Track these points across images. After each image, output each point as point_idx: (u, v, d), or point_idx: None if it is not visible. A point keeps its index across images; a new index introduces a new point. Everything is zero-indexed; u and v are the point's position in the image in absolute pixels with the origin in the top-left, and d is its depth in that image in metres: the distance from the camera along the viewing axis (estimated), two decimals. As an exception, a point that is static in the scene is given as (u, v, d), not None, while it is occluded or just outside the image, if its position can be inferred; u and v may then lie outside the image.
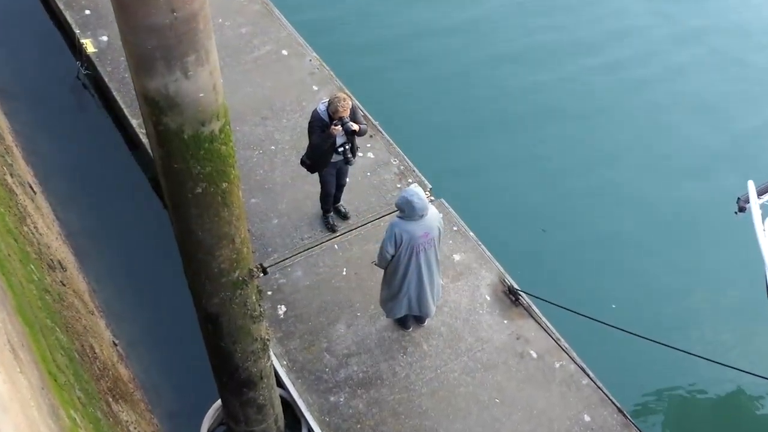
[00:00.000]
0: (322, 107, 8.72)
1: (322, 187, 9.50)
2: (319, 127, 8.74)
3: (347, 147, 8.99)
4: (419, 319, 9.00)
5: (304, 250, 9.74)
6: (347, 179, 9.74)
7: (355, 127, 8.73)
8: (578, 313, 8.29)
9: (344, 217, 9.98)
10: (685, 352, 7.85)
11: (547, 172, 11.83)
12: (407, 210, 7.72)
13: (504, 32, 14.24)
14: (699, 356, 7.82)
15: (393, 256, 7.97)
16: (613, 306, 9.86)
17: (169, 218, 5.81)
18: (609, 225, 11.15)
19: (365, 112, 11.40)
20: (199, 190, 5.26)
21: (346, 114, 8.52)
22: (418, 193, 7.68)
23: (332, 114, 8.54)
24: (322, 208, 9.82)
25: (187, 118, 4.84)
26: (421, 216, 7.76)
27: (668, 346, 7.89)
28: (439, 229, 7.99)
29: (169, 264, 9.88)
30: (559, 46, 13.95)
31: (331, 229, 9.85)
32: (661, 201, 11.48)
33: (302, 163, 9.26)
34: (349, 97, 9.44)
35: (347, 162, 9.19)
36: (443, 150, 12.08)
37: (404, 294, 8.26)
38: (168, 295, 9.65)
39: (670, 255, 10.80)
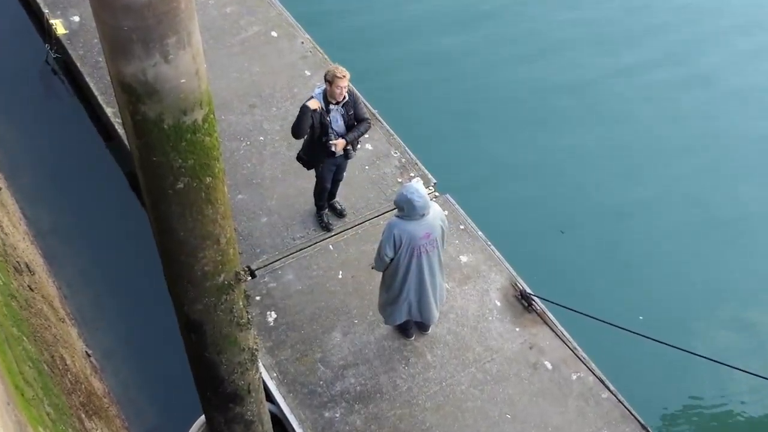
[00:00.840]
0: (318, 91, 8.72)
1: (317, 183, 9.50)
2: (310, 115, 8.66)
3: (332, 140, 8.92)
4: (422, 327, 9.00)
5: (295, 251, 9.75)
6: (344, 173, 9.74)
7: (333, 146, 8.88)
8: (599, 320, 8.28)
9: (340, 214, 10.00)
10: (717, 362, 7.78)
11: (565, 166, 11.85)
12: (407, 209, 7.71)
13: (522, 17, 14.24)
14: (734, 367, 7.70)
15: (392, 259, 7.97)
16: (641, 318, 9.82)
17: (147, 216, 5.80)
18: (634, 226, 11.16)
19: (363, 99, 11.38)
20: (181, 185, 5.24)
21: (345, 82, 8.53)
22: (418, 189, 7.66)
23: (330, 81, 8.49)
24: (316, 204, 9.83)
25: (167, 107, 4.82)
26: (423, 215, 7.75)
27: (698, 355, 7.86)
28: (443, 229, 7.98)
29: (147, 267, 9.88)
30: (585, 35, 13.96)
31: (326, 228, 9.85)
32: (692, 202, 11.48)
33: (298, 158, 9.27)
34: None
35: (347, 156, 9.20)
36: (449, 141, 12.09)
37: (404, 299, 8.27)
38: (146, 301, 9.65)
39: (701, 260, 10.80)
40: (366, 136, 10.45)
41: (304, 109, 8.69)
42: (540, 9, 14.44)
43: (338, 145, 8.85)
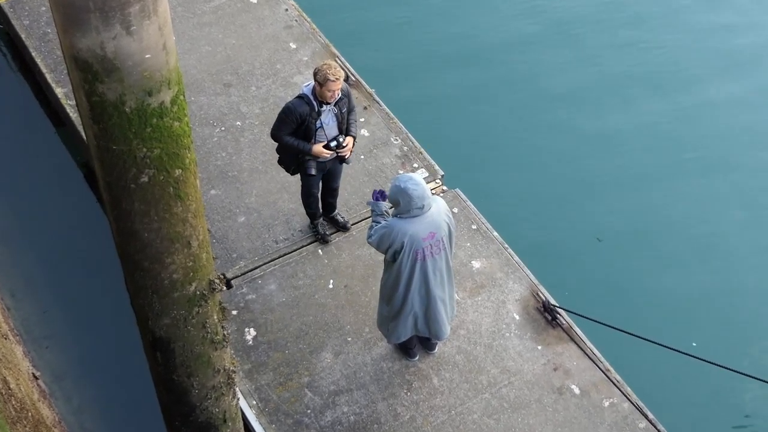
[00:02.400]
0: (306, 89, 8.65)
1: (303, 189, 9.46)
2: (296, 120, 8.62)
3: (340, 140, 8.89)
4: (428, 345, 9.03)
5: (278, 257, 9.77)
6: (339, 180, 9.63)
7: (348, 151, 8.87)
8: (636, 336, 8.28)
9: (343, 227, 9.97)
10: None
11: (601, 156, 11.86)
12: (402, 202, 7.61)
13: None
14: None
15: (394, 262, 7.95)
16: (694, 344, 9.85)
17: (105, 215, 5.83)
18: (682, 232, 11.17)
19: (358, 77, 11.43)
20: (145, 178, 5.27)
21: (338, 85, 8.42)
22: (413, 177, 7.60)
23: (321, 83, 8.41)
24: (306, 213, 9.80)
25: (129, 87, 4.84)
26: (422, 208, 7.63)
27: (754, 377, 7.83)
28: (449, 226, 7.94)
29: (105, 275, 9.91)
30: (612, 13, 14.04)
31: (322, 239, 9.85)
32: (748, 207, 11.52)
33: (279, 161, 9.21)
34: (341, 66, 9.42)
35: (342, 161, 9.16)
36: (459, 126, 12.12)
37: (409, 312, 8.26)
38: (104, 314, 9.67)
39: (763, 273, 10.82)
40: (362, 120, 10.51)
41: (287, 110, 8.61)
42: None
43: (349, 147, 8.86)
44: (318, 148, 8.72)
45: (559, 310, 9.37)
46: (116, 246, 5.89)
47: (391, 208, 7.97)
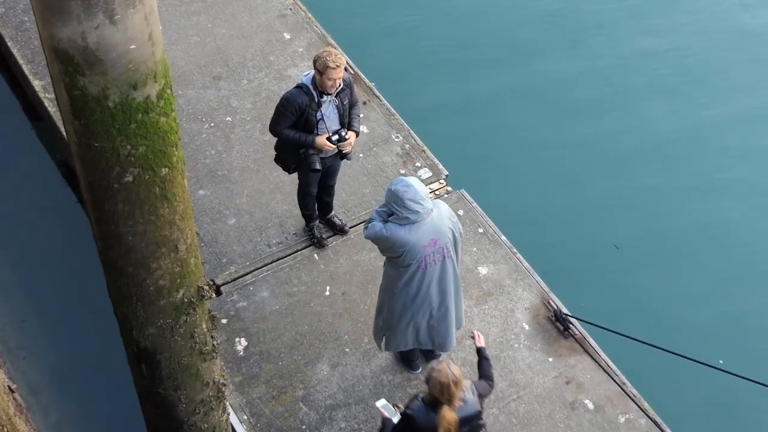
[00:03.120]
0: (305, 79, 8.65)
1: (300, 188, 9.46)
2: (295, 112, 8.60)
3: (343, 133, 8.86)
4: (431, 357, 9.02)
5: (271, 262, 9.77)
6: (337, 177, 9.64)
7: (349, 146, 8.82)
8: (656, 347, 8.27)
9: (341, 230, 9.96)
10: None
11: (614, 157, 11.86)
12: (398, 206, 7.52)
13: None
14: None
15: (394, 270, 7.93)
16: (721, 362, 9.83)
17: (87, 217, 5.83)
18: (705, 241, 11.16)
19: (357, 70, 11.43)
20: (130, 177, 5.27)
21: (339, 73, 8.43)
22: (405, 179, 7.49)
23: (321, 71, 8.40)
24: (302, 214, 9.81)
25: (112, 80, 4.84)
26: (417, 213, 7.55)
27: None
28: (454, 232, 7.88)
29: (86, 281, 9.89)
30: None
31: (318, 243, 9.84)
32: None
33: (276, 159, 9.19)
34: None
35: (344, 157, 9.14)
36: (464, 123, 12.12)
37: (407, 323, 8.23)
38: (85, 323, 9.66)
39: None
40: (360, 115, 10.48)
41: (285, 101, 8.59)
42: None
43: (351, 142, 8.82)
44: (321, 139, 8.68)
45: (572, 319, 9.37)
46: (98, 250, 5.89)
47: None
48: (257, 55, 11.65)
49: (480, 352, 7.72)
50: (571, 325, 9.38)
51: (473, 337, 7.88)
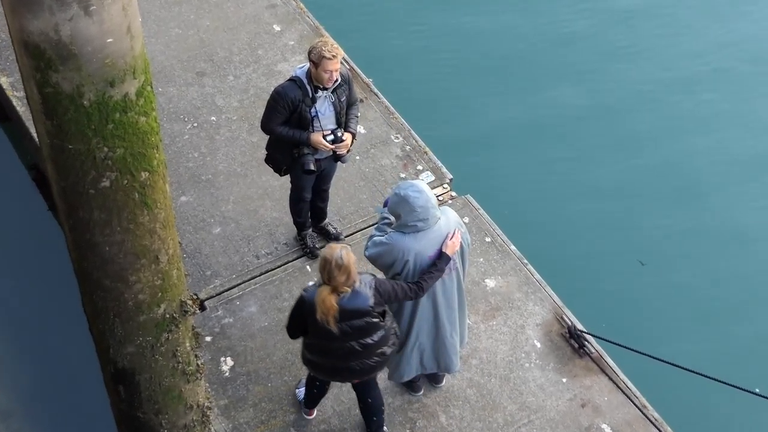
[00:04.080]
0: (299, 72, 8.65)
1: (292, 193, 9.45)
2: (288, 107, 8.60)
3: (339, 134, 8.84)
4: (435, 378, 9.02)
5: (260, 274, 9.76)
6: (331, 181, 9.65)
7: (345, 148, 8.78)
8: (680, 367, 8.28)
9: (335, 239, 9.94)
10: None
11: (635, 160, 11.87)
12: (403, 213, 7.53)
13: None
14: None
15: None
16: (757, 390, 9.85)
17: (59, 226, 5.84)
18: (739, 254, 11.17)
19: (353, 65, 11.44)
20: (107, 182, 5.28)
21: (336, 65, 8.41)
22: (415, 184, 7.55)
23: (316, 63, 8.39)
24: (294, 222, 9.81)
25: (88, 76, 4.86)
26: (426, 221, 7.56)
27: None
28: (462, 242, 7.93)
29: (60, 295, 9.88)
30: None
31: (310, 253, 9.84)
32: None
33: (267, 159, 9.18)
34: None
35: (338, 159, 9.16)
36: (469, 122, 12.13)
37: (413, 346, 8.22)
38: (58, 342, 9.65)
39: None
40: (357, 115, 10.49)
41: (276, 96, 8.58)
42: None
43: (347, 144, 8.80)
44: (317, 136, 8.61)
45: (588, 336, 9.37)
46: (72, 261, 5.90)
47: (390, 223, 7.85)
48: (244, 49, 11.66)
49: (441, 256, 7.68)
50: (586, 343, 9.38)
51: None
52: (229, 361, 9.16)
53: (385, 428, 8.46)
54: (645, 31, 13.71)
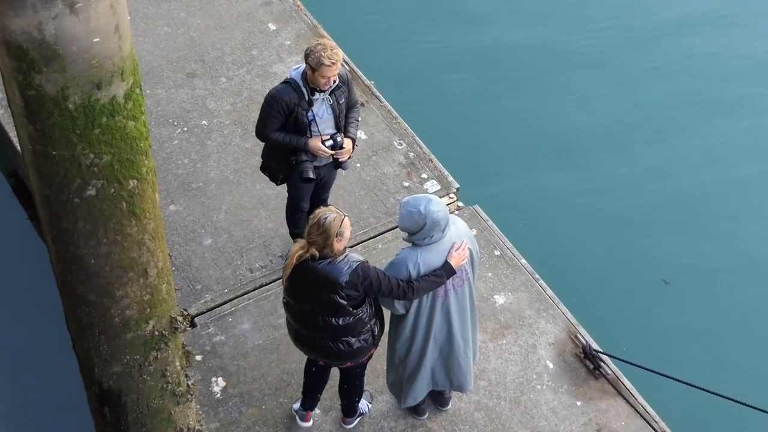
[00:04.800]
0: (295, 73, 8.64)
1: (289, 202, 9.45)
2: (283, 111, 8.59)
3: (338, 139, 8.82)
4: (440, 400, 9.00)
5: (253, 289, 9.76)
6: (330, 190, 9.65)
7: (346, 153, 8.77)
8: (704, 390, 8.28)
9: None
10: None
11: (661, 169, 11.88)
12: (428, 225, 7.47)
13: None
14: None
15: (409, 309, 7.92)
16: None
17: (41, 237, 5.85)
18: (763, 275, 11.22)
19: (353, 66, 11.45)
20: (92, 191, 5.29)
21: (335, 71, 8.39)
22: (431, 198, 7.55)
23: (313, 68, 8.38)
24: (291, 234, 9.80)
25: (73, 78, 4.87)
26: (443, 231, 7.64)
27: None
28: (472, 252, 7.95)
29: (41, 311, 9.89)
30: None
31: None
32: None
33: (263, 167, 9.18)
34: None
35: (338, 166, 9.15)
36: (477, 128, 12.14)
37: (428, 365, 8.21)
38: (39, 360, 9.65)
39: None
40: (358, 119, 10.52)
41: (270, 99, 8.57)
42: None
43: (348, 149, 8.78)
44: (316, 142, 8.61)
45: (604, 356, 9.37)
46: (55, 275, 5.90)
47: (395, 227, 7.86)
48: (237, 49, 11.68)
49: (444, 265, 7.68)
50: (602, 364, 9.38)
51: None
52: (221, 382, 9.16)
53: (359, 411, 8.80)
54: (669, 52, 13.77)
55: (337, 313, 7.36)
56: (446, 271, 7.56)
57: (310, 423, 8.83)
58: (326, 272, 7.18)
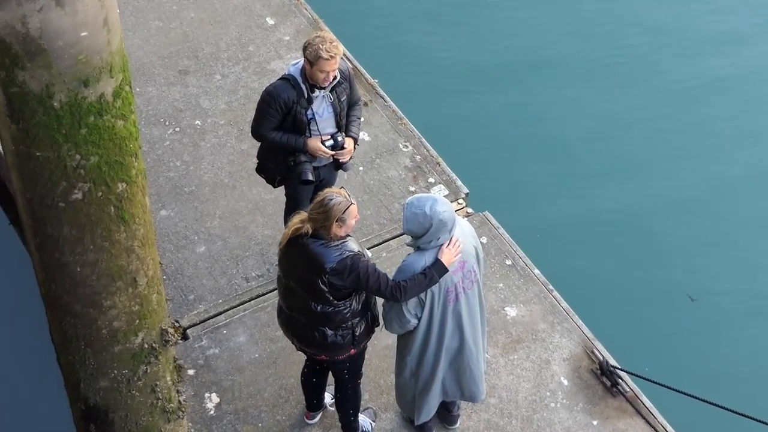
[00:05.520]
0: (293, 69, 8.64)
1: (287, 205, 9.46)
2: (281, 110, 8.59)
3: (339, 138, 8.84)
4: (447, 418, 9.00)
5: (249, 300, 9.76)
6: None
7: (348, 154, 8.75)
8: (728, 410, 8.27)
9: None
10: None
11: (688, 176, 11.90)
12: (434, 227, 7.48)
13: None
14: None
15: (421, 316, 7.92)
16: None
17: (24, 243, 5.85)
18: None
19: (357, 64, 11.46)
20: (78, 194, 5.29)
21: (334, 65, 8.40)
22: (437, 198, 7.55)
23: (311, 62, 8.39)
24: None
25: (59, 74, 4.87)
26: (450, 232, 7.64)
27: None
28: (477, 250, 7.95)
29: (24, 322, 9.90)
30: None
31: None
32: None
33: (259, 168, 9.18)
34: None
35: (339, 167, 9.18)
36: (487, 130, 12.14)
37: (439, 375, 8.19)
38: (22, 374, 9.66)
39: None
40: (361, 120, 10.52)
41: (267, 97, 8.58)
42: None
43: (350, 150, 8.76)
44: (315, 142, 8.59)
45: (621, 373, 9.36)
46: (39, 284, 5.90)
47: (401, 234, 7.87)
48: (233, 45, 11.69)
49: (434, 263, 7.66)
50: (620, 381, 9.37)
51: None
52: (215, 398, 9.16)
53: (361, 429, 8.74)
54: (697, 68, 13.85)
55: (316, 299, 7.41)
56: (437, 269, 7.53)
57: (313, 420, 8.95)
58: (315, 253, 7.25)
